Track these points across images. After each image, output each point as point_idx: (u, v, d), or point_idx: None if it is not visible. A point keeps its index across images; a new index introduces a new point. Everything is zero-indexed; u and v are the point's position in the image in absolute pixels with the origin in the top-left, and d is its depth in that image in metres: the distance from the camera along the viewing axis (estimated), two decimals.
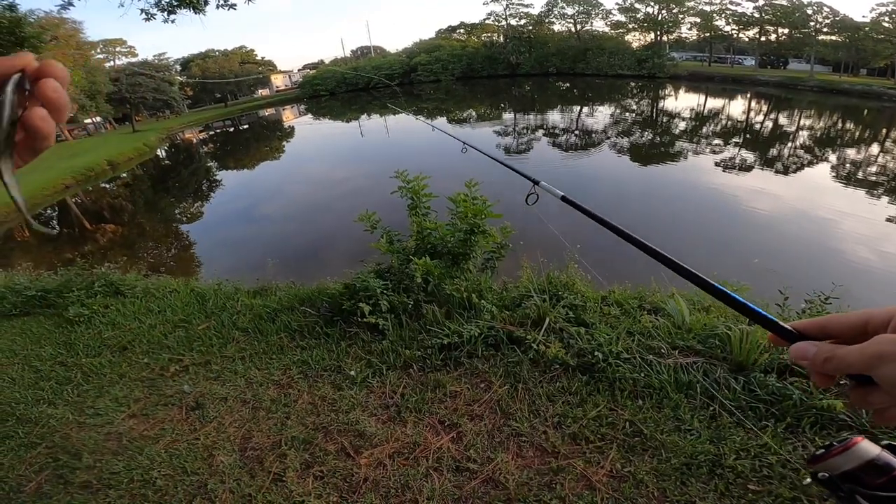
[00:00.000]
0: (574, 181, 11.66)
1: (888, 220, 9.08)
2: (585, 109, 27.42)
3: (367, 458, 2.18)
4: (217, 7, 6.55)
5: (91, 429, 2.64)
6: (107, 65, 39.94)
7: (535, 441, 2.17)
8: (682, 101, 32.87)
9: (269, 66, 56.50)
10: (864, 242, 7.70)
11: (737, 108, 30.32)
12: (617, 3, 47.89)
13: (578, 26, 48.80)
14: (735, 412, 2.17)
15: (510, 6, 49.28)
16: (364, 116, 32.63)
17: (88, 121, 36.37)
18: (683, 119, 23.92)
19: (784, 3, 43.69)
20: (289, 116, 40.73)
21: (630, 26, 47.92)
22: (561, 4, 48.44)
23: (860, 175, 13.24)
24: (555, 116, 24.07)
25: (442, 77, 45.84)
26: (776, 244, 7.60)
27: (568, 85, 41.05)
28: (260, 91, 53.45)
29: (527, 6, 49.59)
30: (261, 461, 2.26)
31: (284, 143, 25.81)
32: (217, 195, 15.43)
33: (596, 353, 2.59)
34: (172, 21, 6.40)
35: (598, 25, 49.17)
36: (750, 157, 15.25)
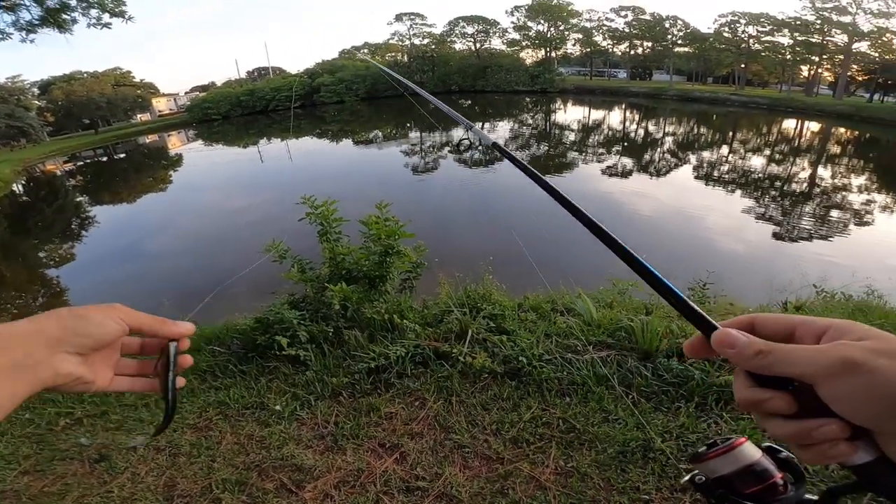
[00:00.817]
0: (481, 195, 12.11)
1: (742, 211, 10.67)
2: (487, 125, 28.74)
3: (311, 492, 2.06)
4: (88, 26, 5.81)
5: None
6: None
7: (478, 450, 2.21)
8: (570, 114, 35.94)
9: (150, 89, 51.60)
10: (727, 233, 8.97)
11: (615, 118, 33.90)
12: (512, 22, 51.60)
13: (478, 45, 51.43)
14: (651, 397, 2.39)
15: (414, 26, 50.59)
16: (263, 141, 30.97)
17: None
18: (572, 131, 26.16)
19: (648, 17, 49.96)
20: (175, 143, 37.30)
21: (524, 44, 51.81)
22: (462, 24, 50.86)
23: (715, 174, 15.47)
24: (458, 133, 24.89)
25: (346, 98, 44.78)
26: (657, 240, 8.54)
27: (470, 102, 42.79)
28: (139, 116, 48.41)
29: (430, 26, 51.31)
30: None
31: (171, 172, 23.55)
32: (92, 232, 13.66)
33: (520, 358, 2.71)
34: (31, 41, 5.59)
35: (496, 44, 52.39)
36: (629, 163, 17.06)
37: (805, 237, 9.09)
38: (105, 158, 32.66)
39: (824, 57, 43.54)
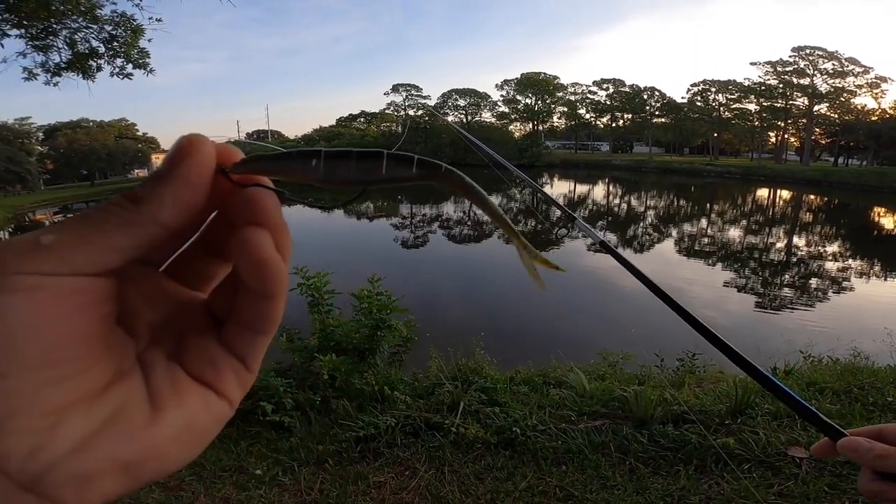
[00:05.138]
0: (470, 271, 12.23)
1: (724, 284, 10.89)
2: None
3: None
4: (111, 75, 6.01)
5: None
6: None
7: None
8: (557, 189, 37.28)
9: (151, 143, 52.33)
10: (711, 305, 9.08)
11: (599, 192, 35.20)
12: (501, 95, 54.49)
13: (469, 117, 53.75)
14: (649, 462, 2.39)
15: (409, 97, 53.17)
16: None
17: None
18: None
19: (627, 89, 53.12)
20: None
21: (513, 117, 54.42)
22: (455, 96, 53.64)
23: (696, 247, 15.94)
24: (448, 208, 25.46)
25: None
26: (642, 314, 8.58)
27: None
28: (136, 171, 48.80)
29: (425, 97, 53.80)
30: None
31: None
32: None
33: (514, 429, 2.69)
34: (56, 84, 5.77)
35: (486, 116, 54.85)
36: (612, 238, 17.49)
37: (787, 306, 9.28)
38: None
39: (789, 122, 46.62)
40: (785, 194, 33.04)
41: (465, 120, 54.01)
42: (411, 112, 53.21)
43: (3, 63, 5.47)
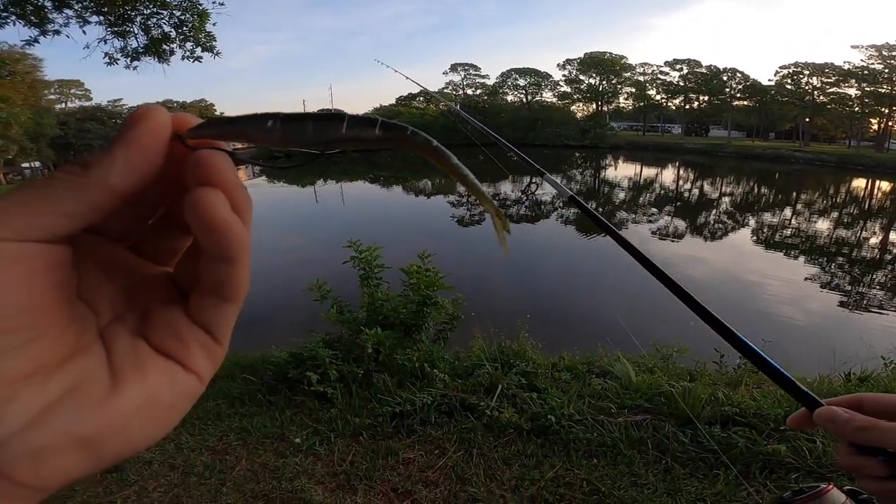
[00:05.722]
0: (525, 252, 12.00)
1: (806, 279, 9.93)
2: (536, 180, 28.92)
3: None
4: (182, 58, 6.45)
5: None
6: (57, 106, 38.34)
7: None
8: (621, 171, 35.50)
9: None
10: (787, 301, 8.33)
11: (668, 176, 33.10)
12: (563, 75, 52.15)
13: (529, 97, 52.19)
14: (687, 463, 2.27)
15: (468, 76, 52.56)
16: (321, 182, 32.62)
17: (26, 165, 33.48)
18: (623, 189, 25.76)
19: (704, 70, 49.02)
20: (241, 177, 39.99)
21: (575, 97, 51.97)
22: (514, 76, 52.23)
23: (777, 238, 14.59)
24: (506, 187, 25.09)
25: None
26: (710, 306, 8.00)
27: (517, 158, 43.17)
28: None
29: (483, 77, 52.93)
30: None
31: None
32: None
33: (549, 417, 2.63)
34: (135, 68, 6.27)
35: (547, 96, 52.77)
36: (681, 225, 16.44)
37: (874, 307, 8.32)
38: None
39: (895, 108, 41.26)
40: (885, 185, 29.43)
41: (525, 100, 52.50)
42: (469, 91, 52.60)
43: (86, 49, 5.98)
